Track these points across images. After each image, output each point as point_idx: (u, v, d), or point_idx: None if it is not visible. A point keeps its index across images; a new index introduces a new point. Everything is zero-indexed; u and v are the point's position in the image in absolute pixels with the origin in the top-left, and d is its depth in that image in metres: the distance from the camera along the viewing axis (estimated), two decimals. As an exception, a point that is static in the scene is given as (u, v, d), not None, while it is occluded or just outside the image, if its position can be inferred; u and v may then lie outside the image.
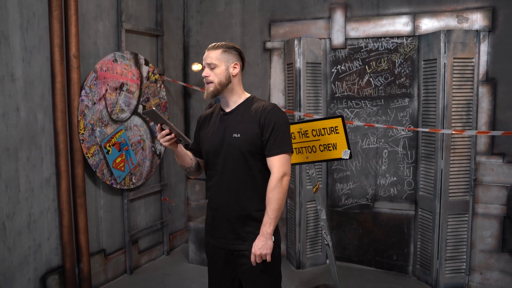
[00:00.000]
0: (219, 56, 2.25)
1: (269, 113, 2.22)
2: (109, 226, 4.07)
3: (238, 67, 2.29)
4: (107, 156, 3.88)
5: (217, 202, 2.33)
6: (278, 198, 2.18)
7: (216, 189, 2.32)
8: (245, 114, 2.26)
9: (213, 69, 2.24)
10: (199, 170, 2.52)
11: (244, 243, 2.28)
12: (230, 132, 2.26)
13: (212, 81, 2.24)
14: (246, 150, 2.22)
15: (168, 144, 2.21)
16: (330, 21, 4.28)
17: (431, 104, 3.84)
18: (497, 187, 3.85)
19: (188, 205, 5.12)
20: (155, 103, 4.39)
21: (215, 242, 2.37)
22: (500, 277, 3.91)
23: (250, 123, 2.23)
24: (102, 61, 3.79)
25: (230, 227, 2.30)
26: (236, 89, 2.31)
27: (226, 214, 2.29)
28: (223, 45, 2.28)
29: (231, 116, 2.30)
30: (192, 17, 4.87)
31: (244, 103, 2.31)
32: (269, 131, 2.20)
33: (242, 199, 2.26)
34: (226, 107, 2.34)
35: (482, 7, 3.79)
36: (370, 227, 4.33)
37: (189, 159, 2.42)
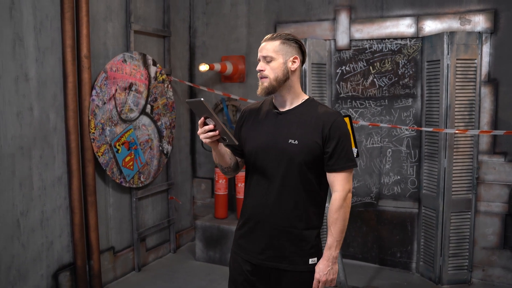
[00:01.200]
0: (276, 48, 1.98)
1: (335, 122, 1.98)
2: (118, 224, 4.14)
3: (298, 62, 2.02)
4: (116, 155, 3.94)
5: (259, 213, 2.05)
6: (344, 219, 1.99)
7: (260, 198, 2.05)
8: (305, 119, 2.01)
9: (269, 62, 1.98)
10: (237, 169, 2.24)
11: (285, 261, 2.05)
12: (285, 135, 2.00)
13: (267, 76, 1.98)
14: (302, 160, 1.97)
15: (209, 141, 1.92)
16: (335, 23, 4.36)
17: (435, 104, 3.92)
18: (499, 186, 3.93)
19: (194, 203, 5.19)
20: (162, 103, 4.46)
21: (247, 257, 2.12)
22: (502, 273, 3.99)
23: (311, 130, 1.98)
24: (112, 61, 3.86)
25: (271, 243, 2.05)
26: (294, 87, 2.04)
27: (270, 228, 2.04)
28: (282, 35, 2.02)
29: (287, 117, 2.04)
30: (198, 19, 4.94)
31: (303, 105, 2.05)
32: (333, 144, 1.96)
33: (292, 214, 2.02)
34: (280, 105, 2.08)
35: (484, 9, 3.87)
36: (374, 225, 4.41)
37: (229, 158, 2.14)
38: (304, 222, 2.03)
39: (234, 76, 4.79)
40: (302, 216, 2.02)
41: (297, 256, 2.04)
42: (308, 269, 2.04)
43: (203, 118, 1.90)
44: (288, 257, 2.04)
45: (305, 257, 2.04)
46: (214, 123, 1.89)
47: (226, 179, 4.65)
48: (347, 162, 1.98)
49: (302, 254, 2.04)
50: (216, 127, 1.90)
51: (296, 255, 2.04)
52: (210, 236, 4.52)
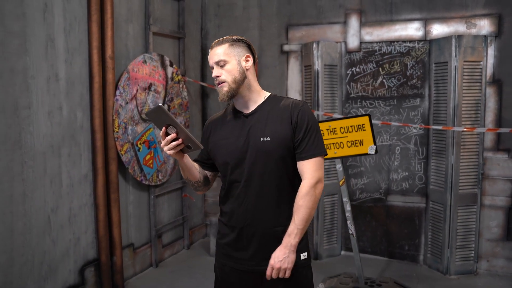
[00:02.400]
0: (227, 50, 1.96)
1: (302, 110, 1.95)
2: (137, 221, 4.24)
3: (251, 59, 2.01)
4: (138, 153, 4.05)
5: (242, 219, 1.99)
6: (309, 207, 1.90)
7: (239, 204, 1.99)
8: (272, 114, 1.97)
9: (223, 66, 1.95)
10: (208, 184, 2.19)
11: None
12: (256, 135, 1.95)
13: (225, 80, 1.95)
14: (278, 155, 1.94)
15: (173, 153, 1.84)
16: (346, 26, 4.54)
17: (442, 103, 4.13)
18: (502, 181, 4.16)
19: (205, 201, 5.31)
20: (178, 103, 4.58)
21: (237, 265, 2.05)
22: (506, 264, 4.22)
23: (281, 123, 1.95)
24: (133, 62, 3.97)
25: (260, 246, 1.99)
26: (253, 86, 2.01)
27: (256, 232, 1.98)
28: (228, 38, 2.01)
29: (254, 118, 1.99)
30: (210, 21, 5.07)
31: (267, 102, 2.02)
32: (302, 131, 1.94)
33: (275, 212, 1.97)
34: (244, 108, 2.03)
35: (489, 14, 4.09)
36: (383, 220, 4.60)
37: (197, 172, 2.08)
38: (287, 218, 1.96)
39: (246, 77, 4.93)
40: (285, 213, 1.97)
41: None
42: (300, 265, 2.00)
43: (164, 128, 1.82)
44: None
45: (296, 253, 1.95)
46: (176, 131, 1.81)
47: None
48: (316, 149, 1.95)
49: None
50: (178, 134, 1.82)
51: None
52: (225, 232, 4.64)
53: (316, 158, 1.94)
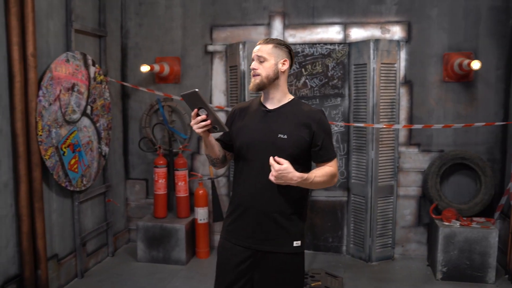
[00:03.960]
0: (270, 50, 2.23)
1: (321, 120, 2.24)
2: (61, 230, 3.97)
3: (287, 64, 2.26)
4: (63, 157, 3.79)
5: (247, 201, 2.26)
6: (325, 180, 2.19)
7: (248, 186, 2.26)
8: (292, 116, 2.23)
9: (262, 62, 2.22)
10: (225, 162, 2.43)
11: (271, 244, 2.24)
12: (275, 131, 2.21)
13: (260, 74, 2.22)
14: (290, 152, 2.18)
15: (201, 131, 2.12)
16: (270, 28, 4.67)
17: (362, 102, 4.43)
18: (414, 172, 4.58)
19: (128, 205, 5.11)
20: (100, 104, 4.36)
21: (236, 241, 2.30)
22: (417, 247, 4.66)
23: (299, 126, 2.21)
24: (56, 61, 3.71)
25: (259, 227, 2.25)
26: (282, 87, 2.28)
27: (257, 213, 2.24)
28: (275, 40, 2.28)
29: (276, 115, 2.25)
30: (131, 19, 4.89)
31: (290, 104, 2.28)
32: (321, 138, 2.22)
33: (278, 199, 2.22)
34: (268, 103, 2.30)
35: (400, 21, 4.48)
36: (308, 214, 4.79)
37: (218, 150, 2.33)
38: (289, 207, 2.23)
39: (170, 77, 4.85)
40: (287, 202, 2.23)
41: (282, 238, 2.24)
42: (292, 251, 2.25)
43: (196, 109, 2.09)
44: (274, 239, 2.24)
45: (290, 240, 2.25)
46: (206, 113, 2.09)
47: (165, 179, 4.69)
48: (333, 152, 2.29)
49: (287, 237, 2.25)
50: (208, 117, 2.09)
51: (281, 238, 2.24)
52: (153, 236, 4.53)
53: (335, 159, 2.29)
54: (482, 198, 4.29)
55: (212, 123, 2.11)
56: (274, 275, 2.25)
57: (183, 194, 4.67)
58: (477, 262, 4.01)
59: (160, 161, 4.66)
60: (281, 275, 2.25)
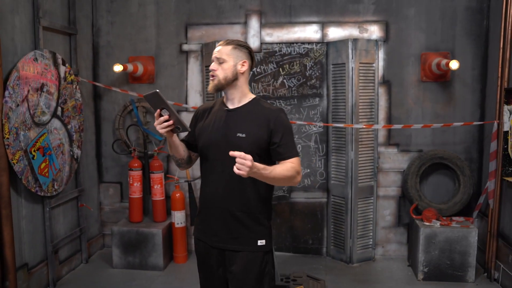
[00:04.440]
0: (229, 51, 2.23)
1: (279, 117, 2.23)
2: (31, 237, 3.78)
3: (247, 66, 2.26)
4: (32, 161, 3.61)
5: (213, 199, 2.28)
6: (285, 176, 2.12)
7: (212, 186, 2.28)
8: (252, 115, 2.24)
9: (222, 63, 2.22)
10: (190, 162, 2.45)
11: (235, 242, 2.26)
12: (234, 130, 2.21)
13: (217, 75, 2.22)
14: (249, 151, 2.09)
15: (165, 131, 2.14)
16: (246, 27, 4.57)
17: (341, 102, 4.39)
18: (393, 172, 4.57)
19: (102, 209, 4.93)
20: (71, 105, 4.19)
21: (206, 239, 2.33)
22: (397, 247, 4.64)
23: (257, 125, 2.21)
24: (23, 59, 3.53)
25: (224, 226, 2.27)
26: (242, 88, 2.27)
27: (223, 212, 2.26)
28: (235, 41, 2.28)
29: (235, 114, 2.26)
30: (102, 17, 4.72)
31: (250, 104, 2.28)
32: (279, 136, 2.20)
33: (241, 199, 2.24)
34: (229, 103, 2.30)
35: (378, 20, 4.46)
36: (287, 217, 4.73)
37: (182, 150, 2.35)
38: (253, 206, 2.26)
39: (144, 77, 4.70)
40: (251, 201, 2.26)
41: (246, 237, 2.27)
42: (256, 250, 2.27)
43: (159, 110, 2.11)
44: (238, 238, 2.27)
45: (255, 239, 2.28)
46: (169, 113, 2.11)
47: (141, 182, 4.55)
48: (293, 150, 2.25)
49: (252, 236, 2.27)
50: (170, 117, 2.11)
51: (246, 237, 2.27)
52: (128, 241, 4.38)
53: (296, 157, 2.23)
54: (461, 198, 4.30)
55: (174, 123, 2.14)
56: (241, 274, 2.27)
57: (159, 198, 4.54)
58: (457, 262, 4.01)
59: (135, 163, 4.51)
60: (247, 274, 2.26)
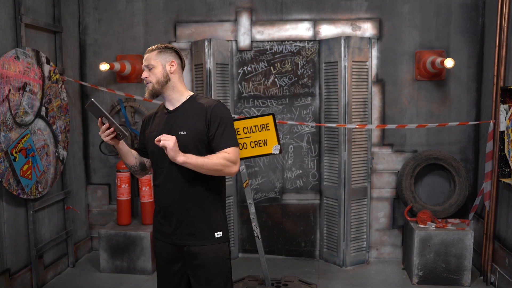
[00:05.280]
0: (155, 56, 2.30)
1: (215, 108, 2.26)
2: (14, 241, 3.66)
3: (176, 64, 2.32)
4: (14, 163, 3.49)
5: (165, 200, 2.33)
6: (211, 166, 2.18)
7: (163, 187, 2.32)
8: (190, 111, 2.29)
9: (151, 69, 2.29)
10: (145, 169, 2.52)
11: (194, 238, 2.30)
12: (176, 130, 2.26)
13: (151, 81, 2.28)
14: (192, 147, 2.23)
15: (108, 139, 2.19)
16: (237, 24, 4.46)
17: (333, 102, 4.28)
18: (388, 173, 4.46)
19: (90, 212, 4.82)
20: (57, 105, 4.07)
21: (164, 239, 2.38)
22: (392, 250, 4.54)
23: (196, 120, 2.26)
24: (3, 57, 3.41)
25: (179, 223, 2.32)
26: (177, 87, 2.33)
27: (175, 210, 2.31)
28: (158, 46, 2.34)
29: (176, 114, 2.32)
30: (89, 14, 4.60)
31: (188, 101, 2.34)
32: (215, 126, 2.25)
33: (190, 194, 2.29)
34: (169, 105, 2.36)
35: (371, 18, 4.35)
36: (279, 219, 4.63)
37: (133, 157, 2.42)
38: (205, 200, 2.31)
39: (132, 76, 4.59)
40: (202, 195, 2.31)
41: (203, 231, 2.31)
42: (215, 242, 2.32)
43: (100, 118, 2.14)
44: (195, 234, 2.31)
45: (211, 232, 2.33)
46: (108, 122, 2.14)
47: (129, 184, 4.43)
48: (230, 140, 2.28)
49: (208, 229, 2.32)
50: (110, 125, 2.14)
51: (202, 231, 2.31)
52: (116, 245, 4.26)
53: (232, 147, 2.27)
54: (456, 199, 4.20)
55: (115, 130, 2.17)
56: (201, 269, 2.30)
57: (147, 200, 4.42)
58: (453, 265, 3.91)
59: (123, 165, 4.39)
60: (207, 268, 2.30)
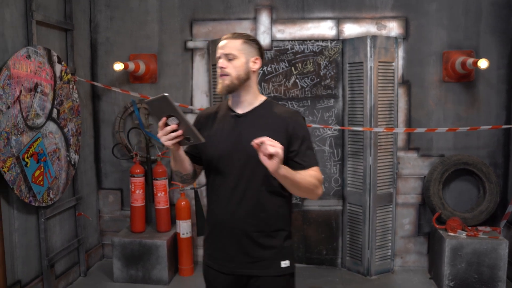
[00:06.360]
0: (239, 46, 1.96)
1: (297, 122, 1.98)
2: (25, 251, 3.46)
3: (259, 63, 2.02)
4: (25, 169, 3.29)
5: (226, 219, 1.99)
6: (309, 182, 1.85)
7: (226, 204, 1.98)
8: (266, 120, 1.97)
9: (232, 60, 1.95)
10: (195, 177, 2.16)
11: (257, 266, 1.98)
12: (246, 139, 1.89)
13: (229, 73, 1.94)
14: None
15: (171, 143, 1.83)
16: (256, 22, 4.27)
17: (358, 104, 4.09)
18: (413, 179, 4.27)
19: (101, 218, 4.61)
20: (68, 107, 3.87)
21: (218, 267, 2.04)
22: (417, 258, 4.36)
23: (274, 131, 1.90)
24: (14, 57, 3.20)
25: (240, 249, 1.98)
26: (253, 88, 2.03)
27: (237, 233, 1.97)
28: (244, 35, 2.01)
29: (247, 120, 1.99)
30: (101, 12, 4.40)
31: (262, 106, 2.02)
32: (299, 143, 1.94)
33: (258, 217, 1.96)
34: (238, 108, 2.03)
35: (397, 16, 4.16)
36: (300, 225, 4.43)
37: (188, 164, 2.05)
38: (271, 224, 1.99)
39: (145, 76, 4.38)
40: (269, 219, 1.98)
41: (268, 260, 1.98)
42: (280, 273, 1.99)
43: (164, 118, 1.80)
44: (259, 262, 1.98)
45: (277, 260, 1.99)
46: (178, 122, 1.79)
47: (143, 190, 4.23)
48: (314, 158, 1.99)
49: (273, 257, 1.99)
50: (179, 126, 1.80)
51: (267, 260, 1.98)
52: (131, 253, 4.06)
53: (317, 167, 1.96)
54: (487, 206, 4.02)
55: (184, 134, 1.82)
56: None
57: (163, 206, 4.22)
58: (486, 276, 3.73)
59: (137, 169, 4.19)
60: None
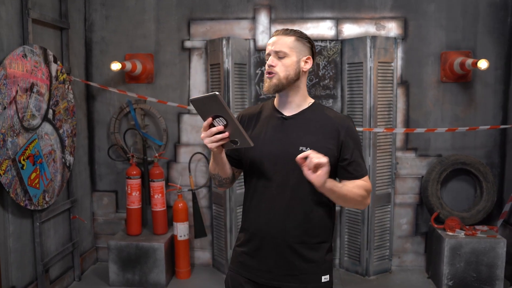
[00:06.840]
0: (291, 44, 1.85)
1: (349, 128, 1.87)
2: (19, 257, 3.36)
3: (310, 63, 1.90)
4: (22, 171, 3.19)
5: (266, 229, 1.88)
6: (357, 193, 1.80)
7: (267, 212, 1.87)
8: (315, 124, 1.87)
9: (282, 58, 1.84)
10: (233, 181, 2.05)
11: (297, 279, 1.87)
12: (295, 143, 1.82)
13: (278, 72, 1.83)
14: None
15: (215, 146, 1.72)
16: (255, 22, 4.22)
17: (357, 104, 4.08)
18: (411, 179, 4.28)
19: (95, 220, 4.52)
20: (63, 107, 3.77)
21: (251, 276, 1.92)
22: (414, 258, 4.37)
23: (324, 137, 1.83)
24: (11, 56, 3.11)
25: (280, 260, 1.87)
26: (302, 89, 1.91)
27: (279, 244, 1.86)
28: (297, 32, 1.89)
29: (295, 122, 1.88)
30: (96, 10, 4.30)
31: (311, 109, 1.91)
32: (350, 151, 1.85)
33: (302, 228, 1.85)
34: (285, 109, 1.92)
35: (396, 17, 4.16)
36: (297, 226, 4.40)
37: (229, 168, 1.94)
38: (315, 236, 1.88)
39: (142, 76, 4.30)
40: (312, 230, 1.87)
41: (308, 273, 1.88)
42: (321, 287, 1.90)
43: (210, 118, 1.68)
44: (298, 275, 1.88)
45: (317, 275, 1.89)
46: (226, 123, 1.68)
47: (139, 192, 4.15)
48: (365, 167, 1.91)
49: (314, 271, 1.89)
50: (226, 128, 1.68)
51: (307, 273, 1.88)
52: (127, 257, 3.98)
53: (367, 176, 1.90)
54: (484, 205, 4.05)
55: (231, 136, 1.70)
56: None
57: (160, 208, 4.15)
58: (484, 274, 3.76)
59: (133, 171, 4.11)
60: None
